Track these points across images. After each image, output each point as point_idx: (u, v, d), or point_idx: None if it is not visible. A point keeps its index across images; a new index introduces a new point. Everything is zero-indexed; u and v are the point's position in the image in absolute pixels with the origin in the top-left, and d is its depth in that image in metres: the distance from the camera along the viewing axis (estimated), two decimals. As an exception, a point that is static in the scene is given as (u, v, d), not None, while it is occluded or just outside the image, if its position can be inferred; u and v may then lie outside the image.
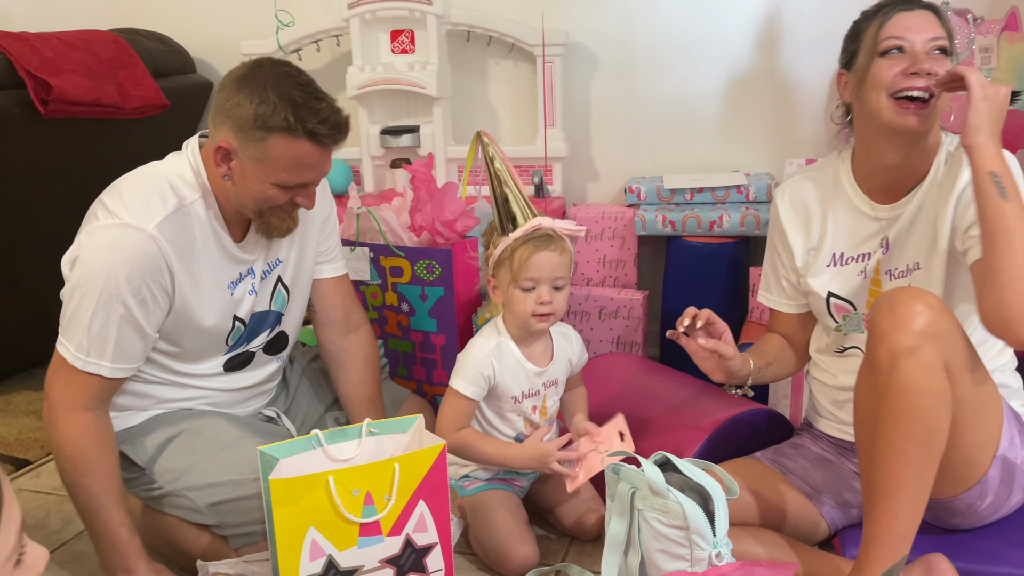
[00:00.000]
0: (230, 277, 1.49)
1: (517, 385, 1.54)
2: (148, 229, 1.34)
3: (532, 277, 1.46)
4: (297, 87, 1.35)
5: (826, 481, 1.52)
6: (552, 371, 1.58)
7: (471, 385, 1.51)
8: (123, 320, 1.35)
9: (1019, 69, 2.11)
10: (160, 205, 1.37)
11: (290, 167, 1.37)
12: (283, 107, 1.33)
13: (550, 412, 1.60)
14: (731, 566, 1.19)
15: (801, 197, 1.54)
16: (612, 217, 2.30)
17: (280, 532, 1.20)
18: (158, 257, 1.36)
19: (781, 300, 1.61)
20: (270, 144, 1.34)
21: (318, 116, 1.34)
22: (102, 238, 1.35)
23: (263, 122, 1.33)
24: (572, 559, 1.55)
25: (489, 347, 1.52)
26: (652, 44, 2.39)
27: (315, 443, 1.31)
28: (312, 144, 1.36)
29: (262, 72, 1.36)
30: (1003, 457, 1.32)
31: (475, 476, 1.59)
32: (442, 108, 2.39)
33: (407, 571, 1.31)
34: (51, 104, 2.07)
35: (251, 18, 2.60)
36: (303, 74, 1.39)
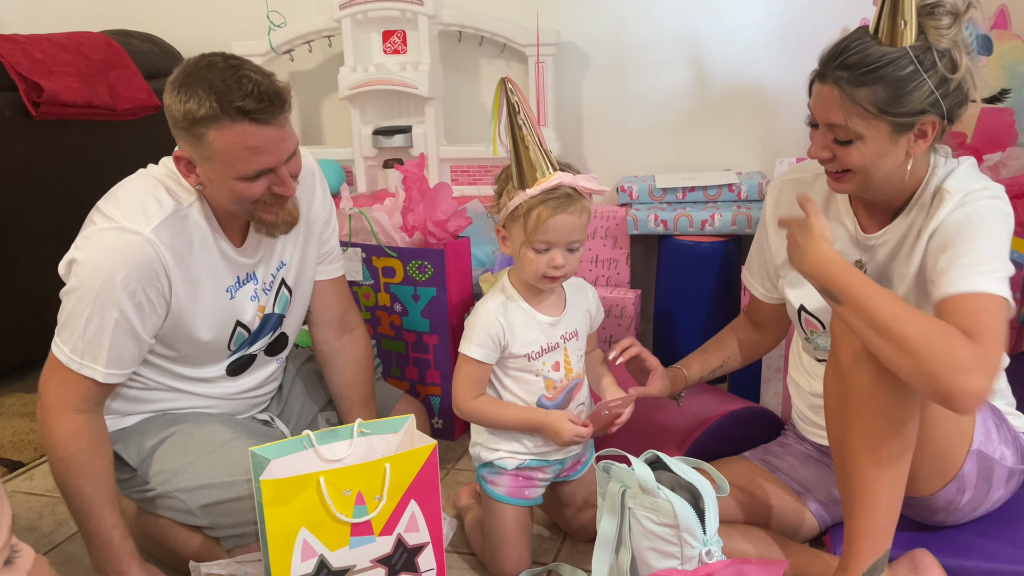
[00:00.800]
0: (229, 281, 1.48)
1: (532, 339, 1.43)
2: (145, 233, 1.34)
3: (547, 240, 1.35)
4: (218, 71, 1.28)
5: (814, 479, 1.53)
6: (568, 320, 1.47)
7: (479, 347, 1.41)
8: (118, 325, 1.35)
9: (1008, 67, 2.12)
10: (157, 209, 1.37)
11: (240, 156, 1.31)
12: (207, 96, 1.27)
13: (575, 368, 1.47)
14: (721, 563, 1.20)
15: (794, 199, 1.48)
16: (604, 216, 2.31)
17: (272, 532, 1.21)
18: (155, 261, 1.35)
19: (759, 288, 1.61)
20: (210, 139, 1.30)
21: (242, 91, 1.27)
22: (99, 241, 1.35)
23: (193, 118, 1.28)
24: (564, 558, 1.56)
25: (494, 306, 1.42)
26: (644, 43, 2.40)
27: (306, 444, 1.31)
28: (249, 123, 1.29)
29: (187, 69, 1.31)
30: (979, 452, 1.32)
31: (500, 466, 1.47)
32: (434, 108, 2.40)
33: (399, 571, 1.31)
34: (42, 106, 2.07)
35: (243, 19, 2.60)
36: (231, 57, 1.32)
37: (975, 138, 2.12)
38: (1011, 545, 1.38)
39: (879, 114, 1.23)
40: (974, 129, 2.13)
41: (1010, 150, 2.06)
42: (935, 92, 1.22)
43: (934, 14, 1.22)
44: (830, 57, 1.26)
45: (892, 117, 1.23)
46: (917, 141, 1.26)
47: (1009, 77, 2.11)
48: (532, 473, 1.49)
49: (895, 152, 1.27)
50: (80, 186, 2.34)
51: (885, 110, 1.22)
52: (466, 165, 2.44)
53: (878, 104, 1.22)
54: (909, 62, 1.21)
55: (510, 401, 1.45)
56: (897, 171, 1.29)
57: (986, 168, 2.06)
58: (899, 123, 1.23)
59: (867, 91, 1.22)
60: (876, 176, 1.29)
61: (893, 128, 1.24)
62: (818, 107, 1.29)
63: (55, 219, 2.29)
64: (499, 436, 1.46)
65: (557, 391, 1.46)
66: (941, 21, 1.21)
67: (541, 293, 1.45)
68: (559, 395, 1.46)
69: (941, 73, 1.21)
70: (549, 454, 1.48)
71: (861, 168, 1.28)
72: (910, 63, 1.21)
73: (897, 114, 1.23)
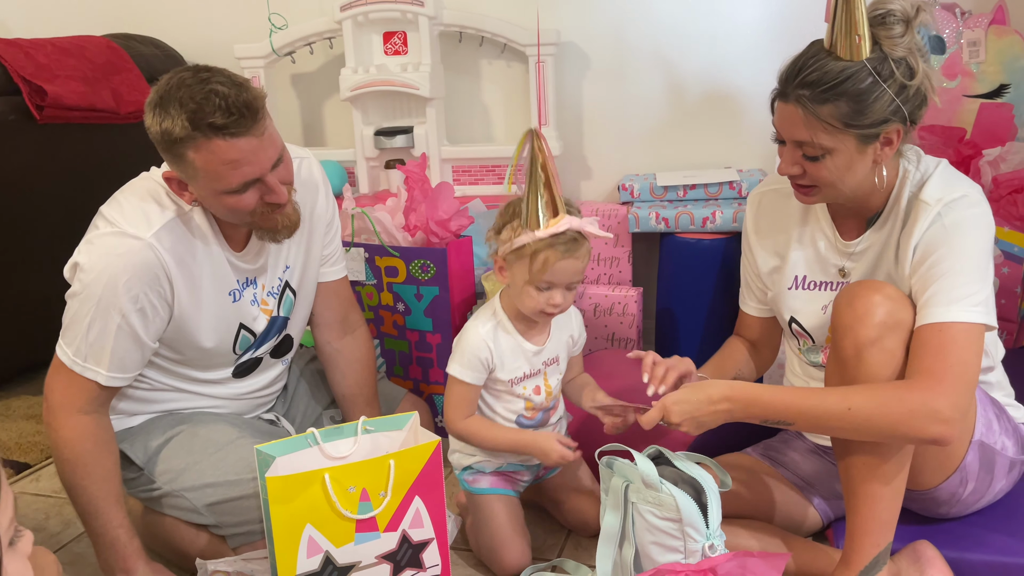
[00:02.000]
0: (231, 285, 1.49)
1: (517, 367, 1.48)
2: (146, 237, 1.35)
3: (551, 281, 1.40)
4: (187, 88, 1.26)
5: (817, 473, 1.53)
6: (551, 348, 1.52)
7: (469, 371, 1.46)
8: (120, 330, 1.36)
9: (1007, 62, 2.12)
10: (158, 213, 1.38)
11: (221, 171, 1.29)
12: (179, 115, 1.25)
13: (555, 391, 1.54)
14: (724, 557, 1.20)
15: (774, 210, 1.50)
16: (606, 215, 2.31)
17: (277, 529, 1.21)
18: (156, 266, 1.36)
19: (752, 304, 1.59)
20: (190, 158, 1.29)
21: (211, 106, 1.24)
22: (101, 246, 1.35)
23: (171, 139, 1.27)
24: (568, 554, 1.56)
25: (484, 331, 1.47)
26: (644, 42, 2.41)
27: (311, 441, 1.32)
28: (223, 139, 1.26)
29: (160, 88, 1.29)
30: (980, 443, 1.33)
31: (479, 468, 1.55)
32: (435, 109, 2.40)
33: (404, 567, 1.32)
34: (46, 110, 2.08)
35: (244, 22, 2.61)
36: (201, 69, 1.29)
37: (974, 133, 2.13)
38: (1013, 537, 1.38)
39: (844, 128, 1.24)
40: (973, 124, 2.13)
41: (1009, 145, 2.07)
42: (896, 100, 1.22)
43: (886, 23, 1.22)
44: (789, 76, 1.27)
45: (857, 130, 1.24)
46: (883, 148, 1.27)
47: (1008, 72, 2.12)
48: (512, 474, 1.56)
49: (863, 162, 1.28)
50: (84, 189, 2.35)
51: (850, 124, 1.23)
52: (467, 165, 2.45)
53: (842, 119, 1.23)
54: (868, 74, 1.22)
55: (491, 417, 1.51)
56: (866, 180, 1.30)
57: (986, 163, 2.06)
58: (864, 134, 1.25)
59: (830, 107, 1.23)
60: (845, 187, 1.30)
61: (859, 140, 1.25)
62: (783, 126, 1.30)
63: (59, 222, 2.30)
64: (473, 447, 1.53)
65: (535, 411, 1.53)
66: (894, 30, 1.22)
67: (531, 323, 1.49)
68: (537, 415, 1.53)
69: (900, 81, 1.22)
70: (527, 459, 1.54)
71: (830, 182, 1.29)
72: (868, 75, 1.22)
73: (862, 126, 1.24)
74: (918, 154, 1.34)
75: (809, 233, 1.45)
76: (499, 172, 2.44)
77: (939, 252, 1.25)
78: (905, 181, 1.33)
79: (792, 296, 1.47)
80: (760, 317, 1.59)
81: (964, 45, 2.14)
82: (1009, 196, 2.04)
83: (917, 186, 1.32)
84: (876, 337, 1.22)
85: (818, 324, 1.44)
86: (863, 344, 1.22)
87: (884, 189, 1.33)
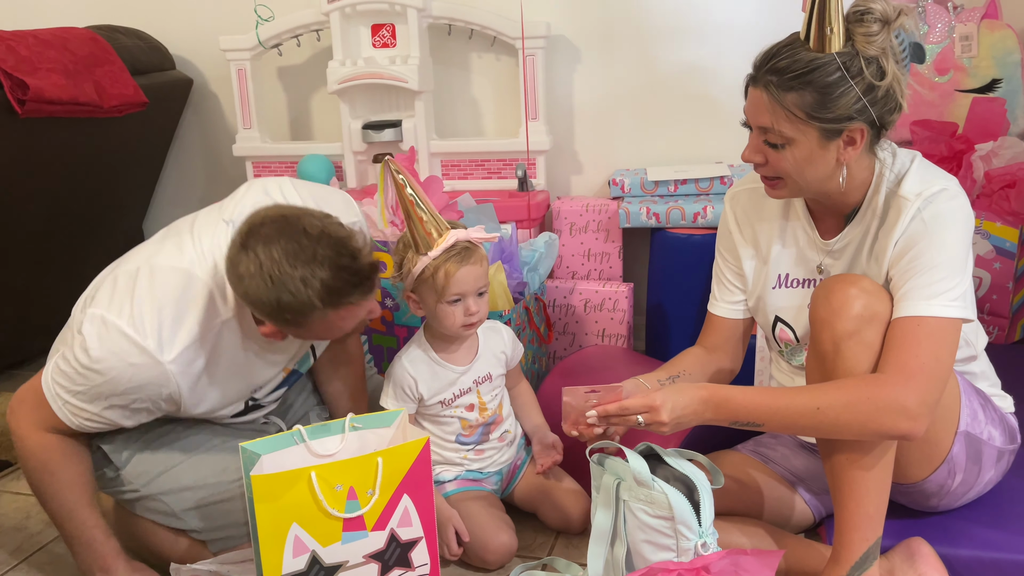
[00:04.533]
0: (256, 382, 1.45)
1: (442, 390, 1.56)
2: (164, 362, 1.29)
3: (458, 292, 1.49)
4: (316, 263, 1.21)
5: (807, 468, 1.53)
6: (479, 367, 1.59)
7: (396, 401, 1.56)
8: (108, 409, 1.32)
9: (999, 56, 2.12)
10: (187, 329, 1.30)
11: (338, 326, 1.30)
12: (309, 295, 1.21)
13: (490, 408, 1.60)
14: (717, 555, 1.19)
15: (752, 208, 1.48)
16: (596, 210, 2.30)
17: (263, 529, 1.19)
18: (166, 385, 1.31)
19: (723, 304, 1.53)
20: (309, 324, 1.27)
21: (349, 287, 1.25)
22: (114, 345, 1.28)
23: (294, 314, 1.24)
24: (559, 552, 1.55)
25: (407, 362, 1.56)
26: (634, 36, 2.39)
27: (297, 439, 1.29)
28: (353, 307, 1.28)
29: (261, 256, 1.21)
30: (966, 433, 1.33)
31: (440, 479, 1.59)
32: (424, 102, 2.38)
33: (392, 566, 1.30)
34: (28, 104, 2.04)
35: (230, 13, 2.58)
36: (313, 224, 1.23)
37: (967, 128, 2.12)
38: (1004, 532, 1.38)
39: (807, 119, 1.23)
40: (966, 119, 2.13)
41: (1001, 139, 2.07)
42: (863, 99, 1.22)
43: (863, 21, 1.21)
44: (762, 61, 1.27)
45: (820, 123, 1.23)
46: (846, 148, 1.26)
47: (1000, 67, 2.11)
48: (477, 481, 1.61)
49: (824, 159, 1.27)
50: (66, 184, 2.32)
51: (812, 115, 1.23)
52: (456, 159, 2.43)
53: (805, 109, 1.23)
54: (836, 68, 1.21)
55: (434, 437, 1.58)
56: (830, 178, 1.29)
57: (978, 158, 2.06)
58: (827, 129, 1.24)
59: (795, 96, 1.22)
60: (806, 181, 1.29)
61: (821, 134, 1.24)
62: (750, 110, 1.30)
63: (41, 217, 2.27)
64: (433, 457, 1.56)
65: (473, 429, 1.59)
66: (870, 28, 1.21)
67: (453, 343, 1.58)
68: (475, 432, 1.60)
69: (868, 80, 1.21)
70: (483, 468, 1.61)
71: (790, 173, 1.29)
72: (837, 69, 1.21)
73: (824, 120, 1.23)
74: (893, 150, 1.33)
75: (790, 230, 1.44)
76: (488, 166, 2.41)
77: (919, 246, 1.25)
78: (882, 178, 1.32)
79: (776, 295, 1.46)
80: (728, 318, 1.53)
81: (956, 40, 2.13)
82: (1001, 191, 2.03)
83: (894, 182, 1.31)
84: (854, 330, 1.22)
85: (803, 322, 1.43)
86: (840, 337, 1.23)
87: (860, 186, 1.33)
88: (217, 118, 2.74)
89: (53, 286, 2.38)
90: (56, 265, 2.39)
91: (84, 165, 2.34)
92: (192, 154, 2.80)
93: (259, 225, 1.25)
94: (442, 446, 1.60)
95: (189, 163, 2.81)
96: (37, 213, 2.25)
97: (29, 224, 2.24)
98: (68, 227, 2.38)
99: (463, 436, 1.59)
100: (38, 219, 2.26)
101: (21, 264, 2.27)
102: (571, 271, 2.35)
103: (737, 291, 1.53)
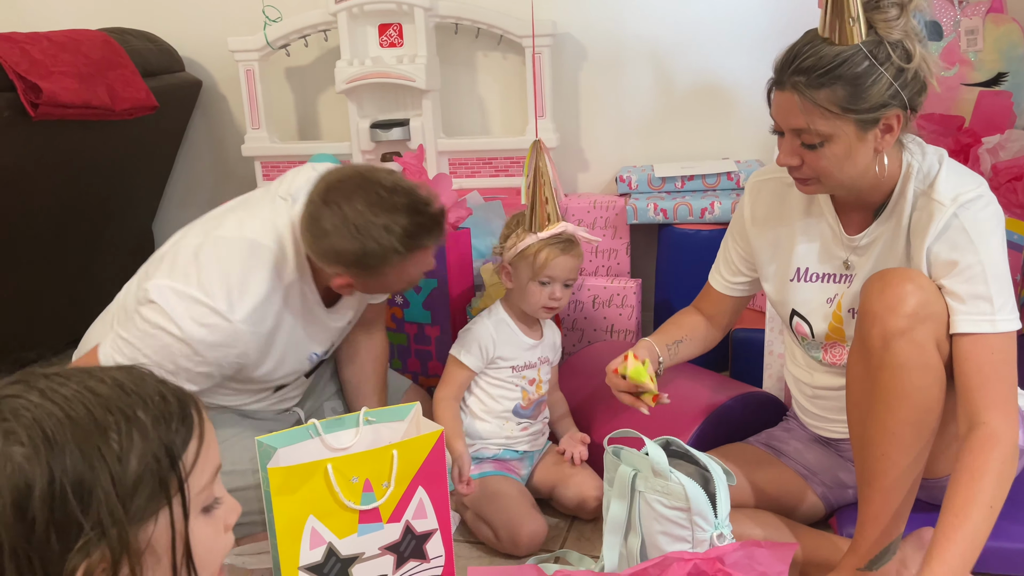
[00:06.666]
0: (312, 349, 1.51)
1: (516, 355, 1.65)
2: (235, 321, 1.34)
3: (551, 275, 1.60)
4: (389, 209, 1.32)
5: (819, 462, 1.53)
6: (544, 347, 1.70)
7: (470, 355, 1.63)
8: (174, 372, 1.34)
9: (1004, 51, 2.12)
10: (255, 290, 1.36)
11: (411, 273, 1.42)
12: (392, 240, 1.32)
13: (544, 388, 1.70)
14: (732, 546, 1.19)
15: (775, 200, 1.47)
16: (604, 207, 2.31)
17: (280, 521, 1.20)
18: (236, 345, 1.36)
19: (722, 280, 1.58)
20: (387, 271, 1.37)
21: (426, 231, 1.36)
22: (188, 309, 1.32)
23: (376, 260, 1.34)
24: (571, 544, 1.56)
25: (490, 322, 1.65)
26: (640, 33, 2.40)
27: (312, 432, 1.30)
28: (426, 251, 1.40)
29: (345, 209, 1.32)
30: None
31: (479, 456, 1.65)
32: (431, 101, 2.39)
33: (407, 558, 1.31)
34: (41, 107, 2.05)
35: (238, 14, 2.59)
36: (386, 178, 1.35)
37: (973, 121, 2.13)
38: (1017, 523, 1.38)
39: (842, 113, 1.22)
40: (972, 112, 2.13)
41: (1008, 133, 2.07)
42: (894, 84, 1.21)
43: (880, 7, 1.21)
44: (784, 64, 1.26)
45: (855, 114, 1.22)
46: (884, 136, 1.25)
47: (1006, 60, 2.12)
48: (510, 464, 1.66)
49: (863, 150, 1.26)
50: (77, 185, 2.34)
51: (847, 108, 1.22)
52: (464, 157, 2.44)
53: (839, 103, 1.22)
54: (863, 58, 1.21)
55: (489, 405, 1.65)
56: (868, 170, 1.28)
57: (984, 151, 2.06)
58: (863, 119, 1.23)
59: (826, 92, 1.22)
60: (846, 177, 1.28)
61: (858, 126, 1.23)
62: (780, 114, 1.28)
63: (53, 219, 2.28)
64: (472, 433, 1.65)
65: (530, 402, 1.67)
66: (888, 13, 1.21)
67: (526, 321, 1.68)
68: (531, 406, 1.68)
69: (897, 64, 1.21)
70: (516, 444, 1.67)
71: (829, 171, 1.28)
72: (864, 59, 1.21)
73: (860, 110, 1.22)
74: (920, 145, 1.32)
75: (814, 225, 1.42)
76: (496, 164, 2.43)
77: (966, 259, 1.23)
78: (909, 174, 1.31)
79: (794, 288, 1.45)
80: (724, 294, 1.58)
81: (962, 33, 2.14)
82: (1008, 184, 2.03)
83: (924, 182, 1.29)
84: (906, 328, 1.20)
85: (822, 316, 1.42)
86: (892, 334, 1.20)
87: (887, 181, 1.31)
88: (226, 119, 2.76)
89: (64, 286, 2.40)
90: (67, 265, 2.40)
91: (95, 166, 2.36)
92: (201, 155, 2.82)
93: (337, 182, 1.35)
94: (497, 413, 1.65)
95: (198, 164, 2.83)
96: (49, 214, 2.26)
97: (41, 224, 2.25)
98: (79, 227, 2.40)
99: (521, 407, 1.66)
100: (50, 220, 2.27)
101: (33, 264, 2.29)
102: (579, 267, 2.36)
103: (739, 273, 1.54)
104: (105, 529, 0.64)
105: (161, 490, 0.68)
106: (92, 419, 0.66)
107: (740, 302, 1.60)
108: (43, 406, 0.65)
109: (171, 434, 0.70)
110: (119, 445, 0.66)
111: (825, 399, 1.46)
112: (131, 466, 0.66)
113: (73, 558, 0.63)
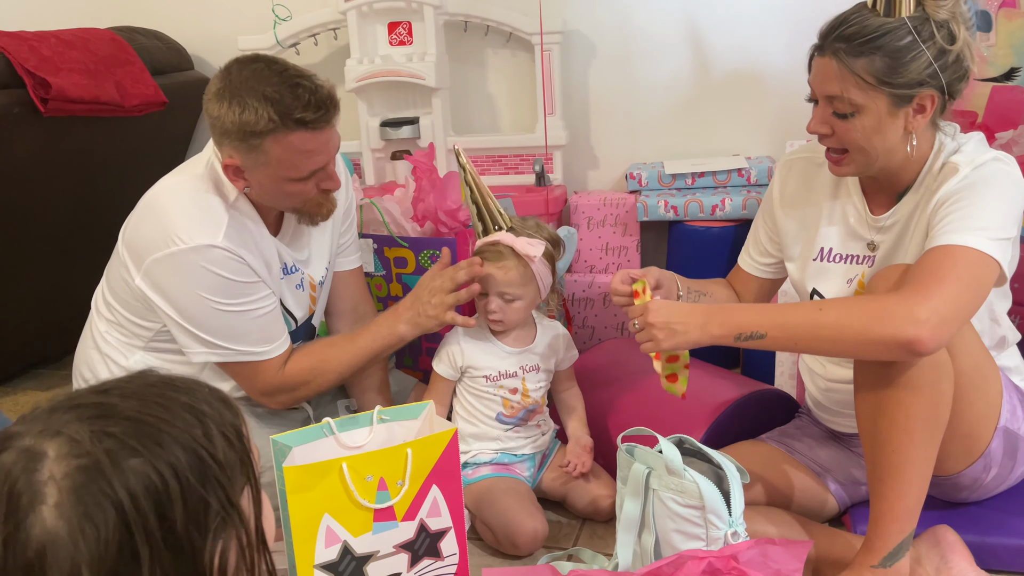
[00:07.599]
0: (278, 268, 1.52)
1: (489, 364, 1.60)
2: (218, 243, 1.37)
3: (484, 286, 1.56)
4: (270, 81, 1.32)
5: (833, 459, 1.53)
6: (529, 357, 1.62)
7: (441, 364, 1.61)
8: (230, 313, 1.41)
9: (1017, 45, 2.11)
10: (217, 211, 1.40)
11: (296, 161, 1.36)
12: (263, 108, 1.31)
13: (532, 396, 1.63)
14: (746, 544, 1.20)
15: (805, 179, 1.48)
16: (614, 204, 2.30)
17: (295, 519, 1.20)
18: (234, 259, 1.39)
19: (750, 260, 1.59)
20: (266, 148, 1.34)
21: (300, 102, 1.32)
22: (178, 264, 1.37)
23: (250, 129, 1.32)
24: (584, 543, 1.55)
25: (462, 332, 1.62)
26: (649, 30, 2.39)
27: (327, 431, 1.31)
28: (306, 131, 1.34)
29: (233, 77, 1.34)
30: (1005, 428, 1.32)
31: (475, 462, 1.61)
32: (441, 99, 2.39)
33: (422, 556, 1.31)
34: (50, 103, 2.06)
35: (248, 13, 2.59)
36: (275, 62, 1.36)
37: (986, 116, 2.12)
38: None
39: (877, 84, 1.22)
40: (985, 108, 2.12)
41: (1021, 127, 2.06)
42: (933, 64, 1.21)
43: None
44: (829, 30, 1.26)
45: (890, 88, 1.22)
46: (916, 116, 1.25)
47: (1019, 56, 2.11)
48: (510, 467, 1.62)
49: (894, 127, 1.25)
50: (88, 183, 2.34)
51: (883, 80, 1.22)
52: (474, 155, 2.44)
53: (876, 74, 1.22)
54: (907, 32, 1.20)
55: (472, 415, 1.62)
56: (897, 148, 1.28)
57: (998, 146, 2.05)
58: (897, 95, 1.23)
59: (865, 61, 1.22)
60: (875, 153, 1.28)
61: (891, 100, 1.23)
62: (817, 80, 1.29)
63: (63, 216, 2.29)
64: (469, 436, 1.61)
65: (515, 410, 1.61)
66: None
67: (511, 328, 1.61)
68: (517, 414, 1.62)
69: (939, 44, 1.20)
70: (517, 448, 1.62)
71: (859, 145, 1.27)
72: (908, 33, 1.20)
73: (895, 85, 1.22)
74: (955, 131, 1.32)
75: (840, 207, 1.43)
76: (505, 162, 2.43)
77: (961, 194, 1.22)
78: (940, 154, 1.30)
79: (816, 268, 1.45)
80: (752, 275, 1.59)
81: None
82: (1021, 180, 2.03)
83: (950, 155, 1.29)
84: None
85: (841, 290, 1.42)
86: None
87: (916, 162, 1.31)
88: (235, 117, 2.76)
89: (75, 284, 2.40)
90: (77, 263, 2.41)
91: (104, 163, 2.36)
92: (210, 153, 2.82)
93: (237, 59, 1.37)
94: (483, 421, 1.62)
95: (207, 162, 2.83)
96: (58, 211, 2.27)
97: (51, 222, 2.26)
98: (88, 224, 2.40)
99: (504, 415, 1.61)
100: (60, 217, 2.28)
101: (43, 262, 2.29)
102: (589, 265, 2.35)
103: (767, 253, 1.55)
104: (227, 507, 0.69)
105: (245, 464, 0.73)
106: (171, 413, 0.70)
107: (766, 285, 1.59)
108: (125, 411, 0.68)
109: (232, 415, 0.74)
110: (203, 431, 0.70)
111: (838, 392, 1.46)
112: (219, 445, 0.70)
113: (211, 543, 0.67)
